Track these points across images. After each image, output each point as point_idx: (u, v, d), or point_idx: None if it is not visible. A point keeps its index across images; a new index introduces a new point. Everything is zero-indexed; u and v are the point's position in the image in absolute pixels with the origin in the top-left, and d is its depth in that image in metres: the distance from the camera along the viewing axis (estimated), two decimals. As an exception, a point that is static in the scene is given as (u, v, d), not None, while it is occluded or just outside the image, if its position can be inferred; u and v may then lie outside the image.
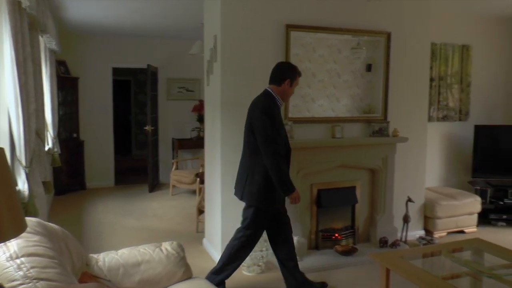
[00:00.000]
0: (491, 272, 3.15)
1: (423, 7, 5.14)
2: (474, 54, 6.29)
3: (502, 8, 5.96)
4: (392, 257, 3.36)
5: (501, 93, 6.66)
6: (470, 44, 6.24)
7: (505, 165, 6.10)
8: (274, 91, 3.59)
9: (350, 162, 4.75)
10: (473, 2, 5.60)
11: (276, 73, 3.65)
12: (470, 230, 5.58)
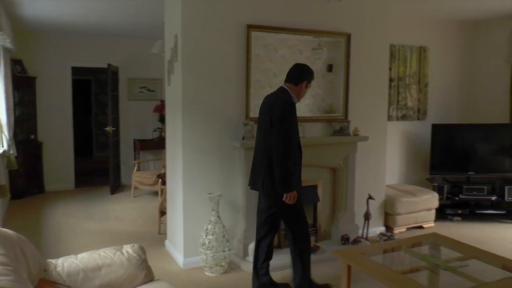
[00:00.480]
0: (447, 264, 3.25)
1: (382, 9, 5.26)
2: (431, 55, 6.47)
3: (457, 12, 6.17)
4: (354, 253, 3.42)
5: (457, 93, 6.88)
6: (427, 46, 6.42)
7: (460, 162, 6.31)
8: (290, 90, 3.70)
9: (312, 162, 4.79)
10: (430, 6, 5.75)
11: (294, 73, 3.75)
12: (428, 225, 5.75)
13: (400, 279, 2.96)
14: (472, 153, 6.35)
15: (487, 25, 6.77)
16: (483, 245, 4.99)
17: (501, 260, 3.43)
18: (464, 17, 6.54)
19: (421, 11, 6.04)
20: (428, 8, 5.88)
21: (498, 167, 6.28)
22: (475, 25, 6.90)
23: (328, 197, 5.05)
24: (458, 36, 6.82)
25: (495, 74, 6.66)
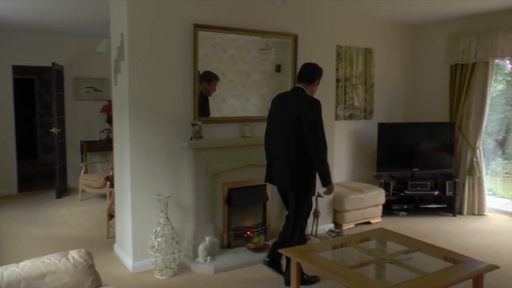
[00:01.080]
0: (392, 258, 3.36)
1: (328, 11, 5.38)
2: (376, 57, 6.66)
3: (399, 15, 6.40)
4: (303, 250, 3.47)
5: (401, 94, 7.12)
6: (372, 48, 6.60)
7: (405, 160, 6.54)
8: (306, 89, 3.89)
9: (260, 161, 4.80)
10: (373, 9, 5.93)
11: (307, 73, 3.95)
12: (375, 221, 5.93)
13: (348, 273, 3.03)
14: (416, 151, 6.60)
15: (428, 29, 7.05)
16: (427, 237, 5.21)
17: (443, 251, 3.59)
18: (406, 21, 6.78)
19: (365, 14, 6.22)
20: (372, 11, 6.07)
21: (440, 163, 6.56)
22: (416, 28, 7.16)
23: (278, 196, 5.06)
24: (401, 39, 7.06)
25: (436, 75, 6.94)
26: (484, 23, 6.26)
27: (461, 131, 6.54)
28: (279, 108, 3.95)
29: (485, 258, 4.48)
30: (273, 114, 4.00)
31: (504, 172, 7.07)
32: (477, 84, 6.35)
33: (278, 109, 3.95)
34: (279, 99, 4.02)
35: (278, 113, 3.94)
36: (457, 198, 6.43)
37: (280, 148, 3.89)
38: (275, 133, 3.96)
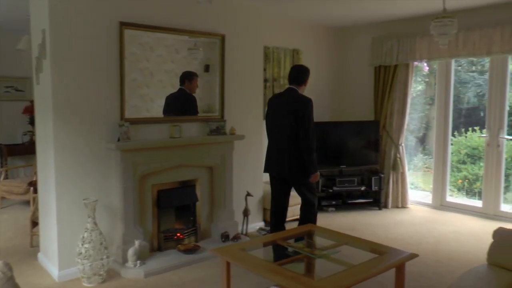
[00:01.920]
0: (321, 253, 3.47)
1: (255, 12, 5.45)
2: (304, 58, 6.81)
3: (325, 18, 6.62)
4: (232, 250, 3.49)
5: (328, 93, 7.35)
6: (300, 49, 6.75)
7: (333, 157, 6.76)
8: (298, 89, 4.48)
9: (189, 161, 4.82)
10: (300, 12, 6.08)
11: (295, 75, 4.53)
12: (305, 218, 6.05)
13: (277, 270, 3.09)
14: (343, 148, 6.83)
15: (353, 32, 7.32)
16: (354, 231, 5.42)
17: (369, 243, 3.77)
18: (332, 23, 7.02)
19: (292, 15, 6.36)
20: (298, 14, 6.22)
21: (366, 160, 6.84)
22: (342, 31, 7.42)
23: (207, 196, 5.10)
24: (328, 40, 7.29)
25: (361, 76, 7.22)
26: (404, 28, 6.61)
27: (385, 129, 6.85)
28: (277, 107, 4.53)
29: (408, 248, 4.76)
30: (272, 112, 4.58)
31: (425, 167, 7.48)
32: (399, 84, 6.68)
33: (277, 109, 4.53)
34: (276, 99, 4.64)
35: (277, 111, 4.52)
36: (382, 192, 6.74)
37: (281, 141, 4.46)
38: (275, 128, 4.53)
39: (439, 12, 4.36)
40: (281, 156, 4.47)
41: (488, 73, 6.27)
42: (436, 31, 4.30)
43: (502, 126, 6.14)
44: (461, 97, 8.39)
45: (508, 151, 7.40)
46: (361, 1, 5.50)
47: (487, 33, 5.77)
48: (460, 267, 4.33)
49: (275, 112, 4.55)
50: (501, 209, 6.21)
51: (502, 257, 3.07)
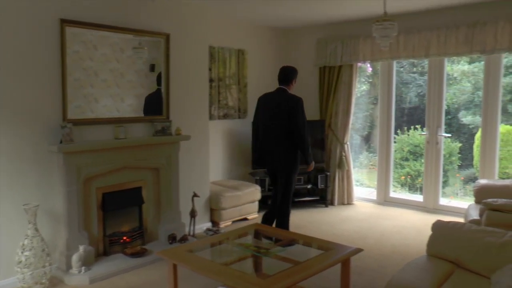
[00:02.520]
0: (267, 251, 3.51)
1: (200, 12, 5.42)
2: (249, 58, 6.85)
3: (270, 19, 6.68)
4: (179, 252, 3.47)
5: (273, 92, 7.40)
6: (245, 49, 6.78)
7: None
8: (287, 88, 4.86)
9: (135, 163, 4.74)
10: (245, 13, 6.11)
11: (283, 76, 4.91)
12: (252, 217, 6.11)
13: (224, 270, 3.10)
14: (289, 147, 6.90)
15: (298, 33, 7.43)
16: (301, 228, 5.51)
17: (315, 240, 3.87)
18: (277, 24, 7.09)
19: (237, 16, 6.37)
20: (244, 14, 6.24)
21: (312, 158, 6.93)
22: (287, 32, 7.51)
23: (153, 198, 5.03)
24: (273, 41, 7.36)
25: (307, 77, 7.32)
26: (347, 30, 6.78)
27: (330, 128, 6.99)
28: (268, 105, 4.86)
29: (353, 243, 4.88)
30: (263, 110, 4.90)
31: (370, 164, 7.70)
32: (343, 85, 6.84)
33: (267, 106, 4.87)
34: (266, 98, 4.96)
35: (268, 110, 4.85)
36: (329, 190, 6.88)
37: (271, 137, 4.78)
38: (266, 125, 4.83)
39: (381, 16, 4.50)
40: (274, 151, 4.80)
41: (427, 74, 6.53)
42: (377, 34, 4.44)
43: (440, 124, 6.41)
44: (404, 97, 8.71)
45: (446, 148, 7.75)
46: (306, 3, 5.59)
47: (425, 36, 6.02)
48: (402, 259, 4.49)
49: (266, 111, 4.87)
50: (440, 203, 6.50)
51: (440, 248, 3.22)
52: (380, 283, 3.92)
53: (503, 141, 7.41)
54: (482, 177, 5.93)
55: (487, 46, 5.56)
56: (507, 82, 7.56)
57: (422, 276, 2.86)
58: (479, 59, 6.99)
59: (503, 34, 5.44)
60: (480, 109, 6.26)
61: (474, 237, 3.13)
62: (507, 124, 7.58)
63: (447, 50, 5.89)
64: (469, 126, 8.07)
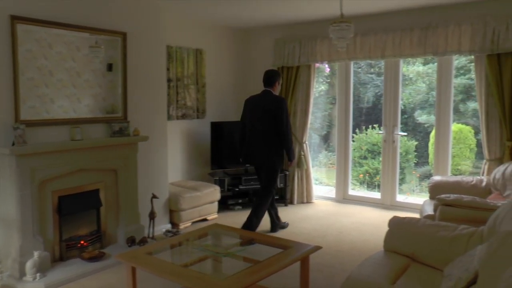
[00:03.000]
0: (227, 251, 3.51)
1: (158, 11, 5.36)
2: (207, 57, 6.81)
3: (229, 19, 6.67)
4: (138, 254, 3.43)
5: (232, 93, 7.42)
6: (203, 49, 6.74)
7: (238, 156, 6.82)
8: (272, 90, 5.30)
9: (92, 165, 4.63)
10: (203, 12, 6.08)
11: (267, 79, 5.35)
12: (212, 217, 6.09)
13: (182, 272, 3.09)
14: (249, 147, 6.93)
15: (256, 33, 7.45)
16: (261, 228, 5.53)
17: (274, 239, 3.94)
18: (235, 24, 7.09)
19: (196, 15, 6.34)
20: (202, 14, 6.21)
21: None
22: (246, 32, 7.52)
23: (112, 200, 4.94)
24: (231, 41, 7.36)
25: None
26: (305, 30, 6.85)
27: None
28: (254, 106, 5.31)
29: (312, 241, 4.94)
30: (249, 110, 5.35)
31: (329, 163, 7.82)
32: (302, 85, 6.91)
33: (253, 107, 5.31)
34: (252, 100, 5.40)
35: (254, 110, 5.29)
36: (288, 189, 6.93)
37: (258, 135, 5.22)
38: (253, 125, 5.27)
39: (337, 17, 4.57)
40: (260, 148, 5.24)
41: (383, 75, 6.68)
42: (334, 35, 4.50)
43: (396, 123, 6.57)
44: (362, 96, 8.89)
45: (403, 146, 7.95)
46: (263, 4, 5.62)
47: (381, 38, 6.16)
48: (361, 255, 4.58)
49: (252, 111, 5.31)
50: (397, 200, 6.67)
51: (396, 243, 3.31)
52: (339, 279, 3.99)
53: (455, 139, 7.68)
54: (436, 174, 6.12)
55: (439, 48, 5.75)
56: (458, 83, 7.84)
57: (379, 271, 2.93)
58: (433, 61, 7.23)
59: (453, 37, 5.63)
60: (434, 109, 6.45)
61: (428, 231, 3.23)
62: (459, 123, 7.87)
63: (402, 51, 6.04)
64: (424, 125, 8.32)
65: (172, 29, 6.02)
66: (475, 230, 3.13)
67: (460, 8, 5.65)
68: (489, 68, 5.40)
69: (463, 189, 4.96)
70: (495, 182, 4.89)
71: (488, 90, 5.49)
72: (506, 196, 4.56)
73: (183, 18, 6.38)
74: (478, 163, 7.41)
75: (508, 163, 4.91)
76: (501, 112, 5.36)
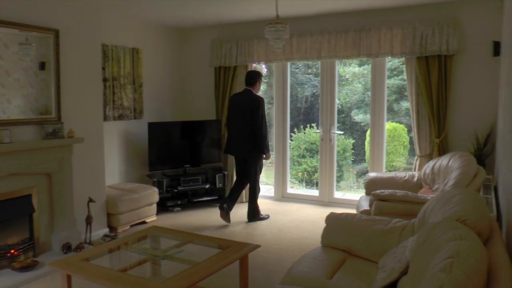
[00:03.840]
0: (165, 254, 3.47)
1: (92, 8, 5.17)
2: (144, 57, 6.68)
3: (165, 19, 6.55)
4: (73, 261, 3.31)
5: (170, 93, 7.32)
6: (140, 48, 6.60)
7: (176, 157, 6.77)
8: (252, 89, 5.86)
9: (23, 169, 4.40)
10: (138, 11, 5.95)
11: (248, 79, 5.91)
12: (151, 220, 5.97)
13: (120, 277, 3.01)
14: (186, 148, 6.88)
15: (193, 33, 7.40)
16: (200, 229, 5.52)
17: (213, 239, 3.92)
18: (172, 24, 7.00)
19: (132, 14, 6.19)
20: (138, 12, 6.07)
21: (209, 158, 6.99)
22: (183, 32, 7.45)
23: (46, 205, 4.72)
24: (168, 41, 7.26)
25: (203, 76, 7.34)
26: (242, 31, 6.88)
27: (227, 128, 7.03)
28: (237, 104, 5.91)
29: (252, 240, 4.97)
30: (233, 107, 5.99)
31: (268, 162, 7.87)
32: (239, 85, 6.91)
33: (237, 104, 5.92)
34: (235, 98, 6.02)
35: (237, 107, 5.90)
36: (227, 189, 6.90)
37: (240, 130, 5.87)
38: (236, 120, 5.91)
39: (273, 18, 4.61)
40: (241, 141, 5.87)
41: (320, 75, 6.83)
42: (270, 36, 4.56)
43: (333, 122, 6.73)
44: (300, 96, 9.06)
45: (340, 144, 8.18)
46: (199, 4, 5.57)
47: (317, 40, 6.30)
48: (300, 252, 4.64)
49: (235, 108, 5.94)
50: (335, 196, 6.84)
51: (333, 238, 3.41)
52: (278, 277, 4.01)
53: (390, 137, 8.00)
54: (372, 171, 6.32)
55: (373, 50, 5.96)
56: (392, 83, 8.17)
57: (316, 266, 2.99)
58: (368, 62, 7.48)
59: (385, 40, 5.86)
60: (370, 108, 6.66)
61: (364, 226, 3.35)
62: (393, 122, 8.20)
63: (337, 53, 6.20)
64: (361, 124, 8.61)
65: (107, 27, 5.86)
66: (407, 223, 3.27)
67: (391, 13, 5.89)
68: (419, 69, 5.67)
69: (397, 185, 5.19)
70: (425, 177, 5.13)
71: (418, 90, 5.75)
72: (435, 190, 4.80)
73: (119, 16, 6.22)
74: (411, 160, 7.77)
75: (437, 158, 5.16)
76: (430, 111, 5.64)
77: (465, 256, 1.89)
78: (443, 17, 5.53)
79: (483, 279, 1.85)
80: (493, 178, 5.07)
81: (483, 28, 5.45)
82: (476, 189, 4.19)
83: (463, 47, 5.55)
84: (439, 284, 1.76)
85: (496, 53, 5.08)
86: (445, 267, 1.85)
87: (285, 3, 5.21)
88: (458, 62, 5.61)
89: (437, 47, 5.51)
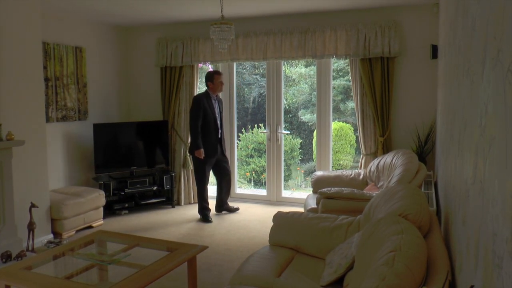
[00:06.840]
0: (111, 258, 3.39)
1: (32, 3, 4.97)
2: (88, 56, 6.51)
3: (109, 16, 6.37)
4: (12, 270, 3.17)
5: (116, 93, 7.17)
6: (83, 46, 6.43)
7: (123, 159, 6.65)
8: (209, 89, 6.06)
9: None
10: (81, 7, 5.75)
11: (205, 79, 6.07)
12: (97, 224, 5.83)
13: (64, 284, 2.94)
14: (133, 149, 6.78)
15: (138, 32, 7.26)
16: (148, 231, 5.44)
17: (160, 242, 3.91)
18: (116, 22, 6.83)
19: (73, 11, 5.98)
20: (80, 9, 5.87)
21: (157, 160, 6.92)
22: (128, 31, 7.30)
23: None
24: (114, 40, 7.10)
25: (148, 76, 7.22)
26: (187, 30, 6.83)
27: (174, 129, 6.98)
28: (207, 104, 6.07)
29: (201, 241, 4.96)
30: None
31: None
32: (185, 85, 6.88)
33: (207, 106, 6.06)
34: None
35: None
36: (175, 190, 6.86)
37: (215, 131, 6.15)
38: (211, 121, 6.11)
39: (218, 18, 4.61)
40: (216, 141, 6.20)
41: (266, 76, 6.89)
42: (215, 36, 4.57)
43: (280, 122, 6.81)
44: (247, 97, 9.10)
45: (288, 144, 8.29)
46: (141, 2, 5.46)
47: (263, 40, 6.36)
48: (248, 251, 4.68)
49: None
50: (283, 195, 6.94)
51: (281, 237, 3.47)
52: (227, 277, 4.04)
53: (337, 136, 8.19)
54: (319, 169, 6.45)
55: (318, 51, 6.08)
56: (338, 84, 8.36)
57: (264, 265, 3.02)
58: (314, 63, 7.61)
59: (330, 41, 6.01)
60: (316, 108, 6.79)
61: (311, 224, 3.42)
62: (340, 121, 8.39)
63: (283, 53, 6.29)
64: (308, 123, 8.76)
65: (49, 24, 5.67)
66: (353, 219, 3.37)
67: (336, 15, 6.04)
68: (363, 71, 5.85)
69: (343, 182, 5.32)
70: (370, 174, 5.29)
71: (363, 90, 5.93)
72: (380, 187, 4.96)
73: (61, 13, 6.01)
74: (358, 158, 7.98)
75: (381, 156, 5.34)
76: (374, 110, 5.82)
77: (406, 250, 1.98)
78: (385, 21, 5.73)
79: (422, 270, 1.95)
80: (433, 174, 5.30)
81: (422, 32, 5.70)
82: (418, 185, 4.36)
83: (404, 50, 5.78)
84: (382, 277, 1.83)
85: (434, 56, 5.31)
86: (387, 260, 1.93)
87: (229, 4, 5.22)
88: (399, 64, 5.84)
89: (380, 49, 5.70)
